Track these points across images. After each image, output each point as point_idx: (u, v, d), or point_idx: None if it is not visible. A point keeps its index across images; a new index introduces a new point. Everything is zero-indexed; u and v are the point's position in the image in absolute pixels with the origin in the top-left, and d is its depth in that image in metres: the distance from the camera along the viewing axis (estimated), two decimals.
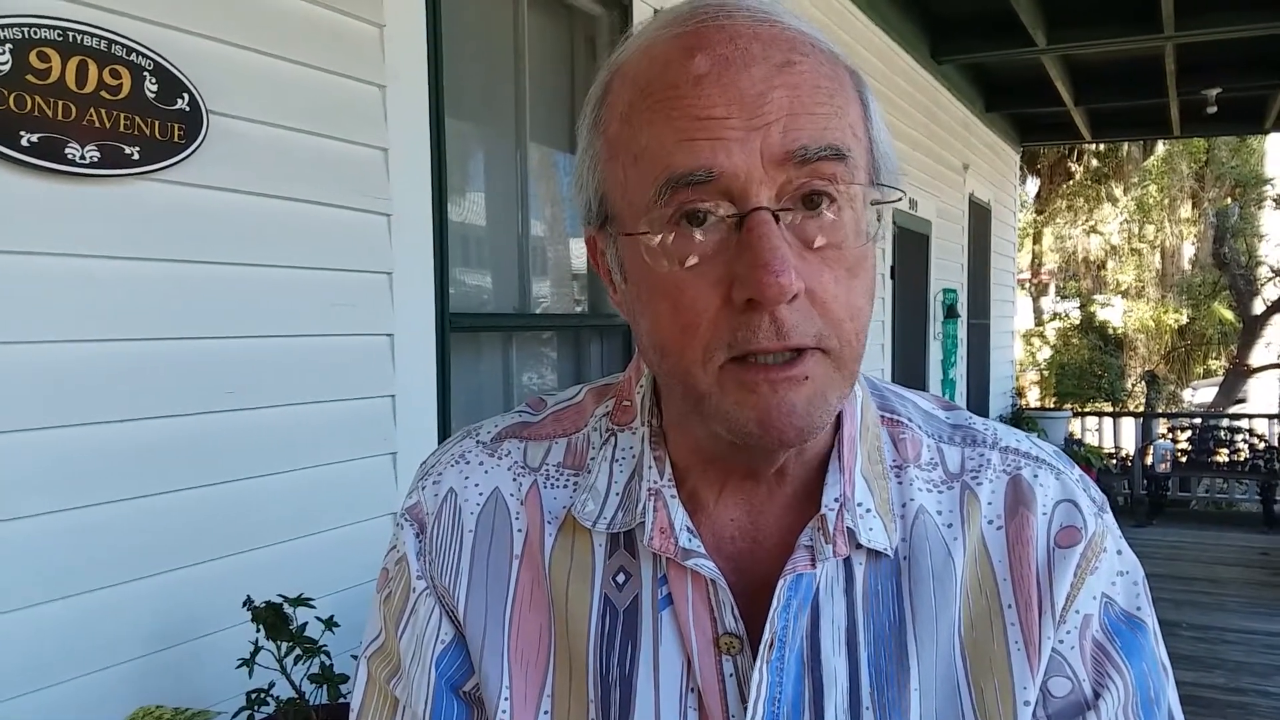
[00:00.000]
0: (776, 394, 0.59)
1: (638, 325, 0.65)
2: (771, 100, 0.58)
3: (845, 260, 0.61)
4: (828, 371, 0.61)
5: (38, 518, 1.65)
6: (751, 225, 0.57)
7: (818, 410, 0.61)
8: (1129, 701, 0.67)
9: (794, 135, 0.58)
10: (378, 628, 0.75)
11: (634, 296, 0.65)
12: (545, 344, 3.23)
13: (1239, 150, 16.69)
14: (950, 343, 7.34)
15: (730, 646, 0.66)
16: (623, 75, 0.64)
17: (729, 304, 0.59)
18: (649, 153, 0.60)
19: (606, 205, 0.65)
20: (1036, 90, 7.81)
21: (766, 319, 0.58)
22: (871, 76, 5.15)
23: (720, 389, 0.60)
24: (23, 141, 1.58)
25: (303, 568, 2.06)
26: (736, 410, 0.60)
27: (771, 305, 0.57)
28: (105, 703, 1.70)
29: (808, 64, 0.60)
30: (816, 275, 0.59)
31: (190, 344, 1.88)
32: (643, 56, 0.63)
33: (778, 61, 0.59)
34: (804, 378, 0.60)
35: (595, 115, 0.65)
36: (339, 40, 2.17)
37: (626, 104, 0.62)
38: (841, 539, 0.66)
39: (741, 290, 0.58)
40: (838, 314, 0.60)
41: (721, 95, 0.58)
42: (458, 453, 0.75)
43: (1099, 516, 0.70)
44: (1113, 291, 18.81)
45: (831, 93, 0.61)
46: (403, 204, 2.32)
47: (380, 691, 0.74)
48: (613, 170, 0.63)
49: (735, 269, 0.58)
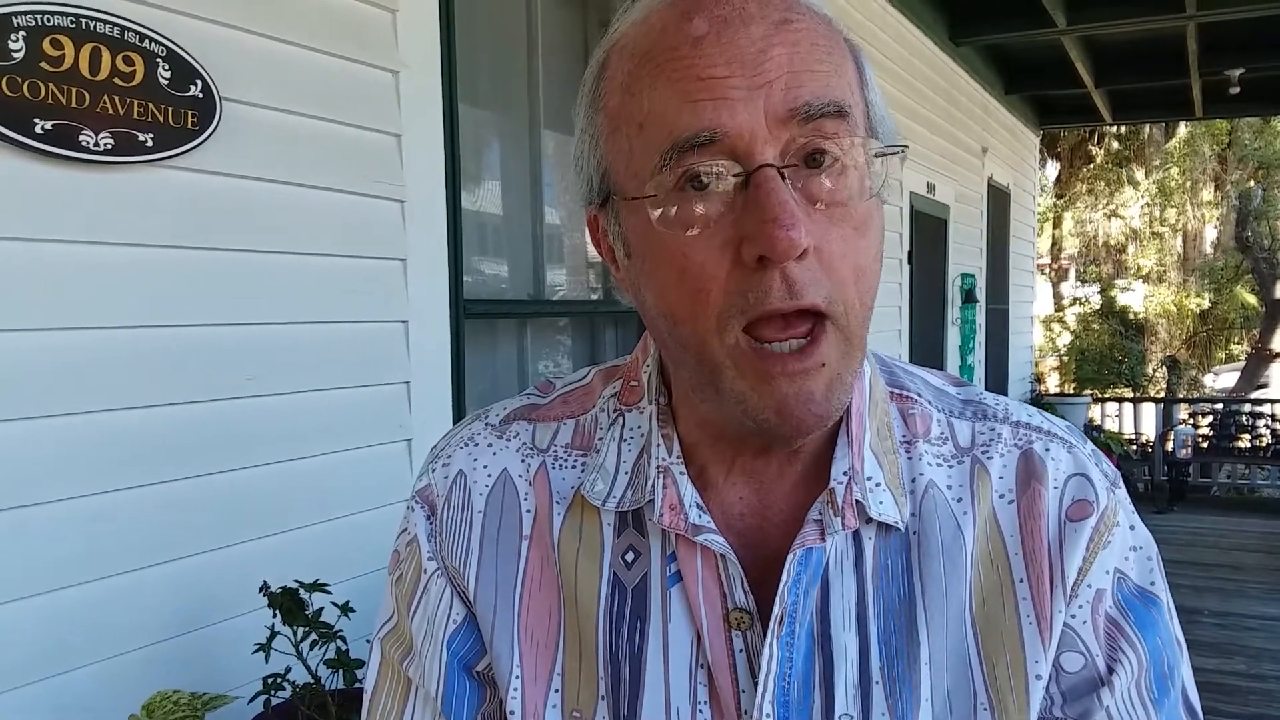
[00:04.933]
0: (794, 384, 0.59)
1: (644, 298, 0.65)
2: (772, 58, 0.58)
3: (851, 218, 0.60)
4: (840, 349, 0.60)
5: (56, 504, 1.66)
6: (759, 182, 0.57)
7: (836, 394, 0.61)
8: (1143, 676, 0.67)
9: (796, 93, 0.58)
10: (390, 609, 0.76)
11: (640, 268, 0.64)
12: (560, 331, 3.23)
13: (1262, 132, 16.48)
14: (969, 328, 7.29)
15: (740, 622, 0.66)
16: (619, 49, 0.64)
17: (739, 264, 0.58)
18: (653, 118, 0.59)
19: (609, 181, 0.64)
20: (1056, 72, 7.72)
21: (778, 277, 0.57)
22: (889, 59, 5.11)
23: (736, 367, 0.60)
24: (37, 129, 1.59)
25: (319, 553, 2.07)
26: (754, 397, 0.60)
27: (782, 259, 0.57)
28: (122, 687, 1.72)
29: (804, 22, 0.60)
30: (823, 233, 0.59)
31: (204, 330, 1.88)
32: (639, 27, 0.63)
33: (775, 19, 0.59)
34: (820, 365, 0.59)
35: (594, 93, 0.65)
36: (352, 25, 2.16)
37: (626, 74, 0.62)
38: (850, 512, 0.66)
39: (752, 247, 0.57)
40: (844, 274, 0.60)
41: (721, 54, 0.58)
42: (467, 435, 0.76)
43: (1111, 491, 0.70)
44: (1133, 276, 18.67)
45: (829, 50, 0.61)
46: (416, 190, 2.32)
47: (394, 672, 0.74)
48: (615, 142, 0.63)
49: (744, 227, 0.57)
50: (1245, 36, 6.98)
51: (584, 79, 0.66)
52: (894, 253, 5.59)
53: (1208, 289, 17.61)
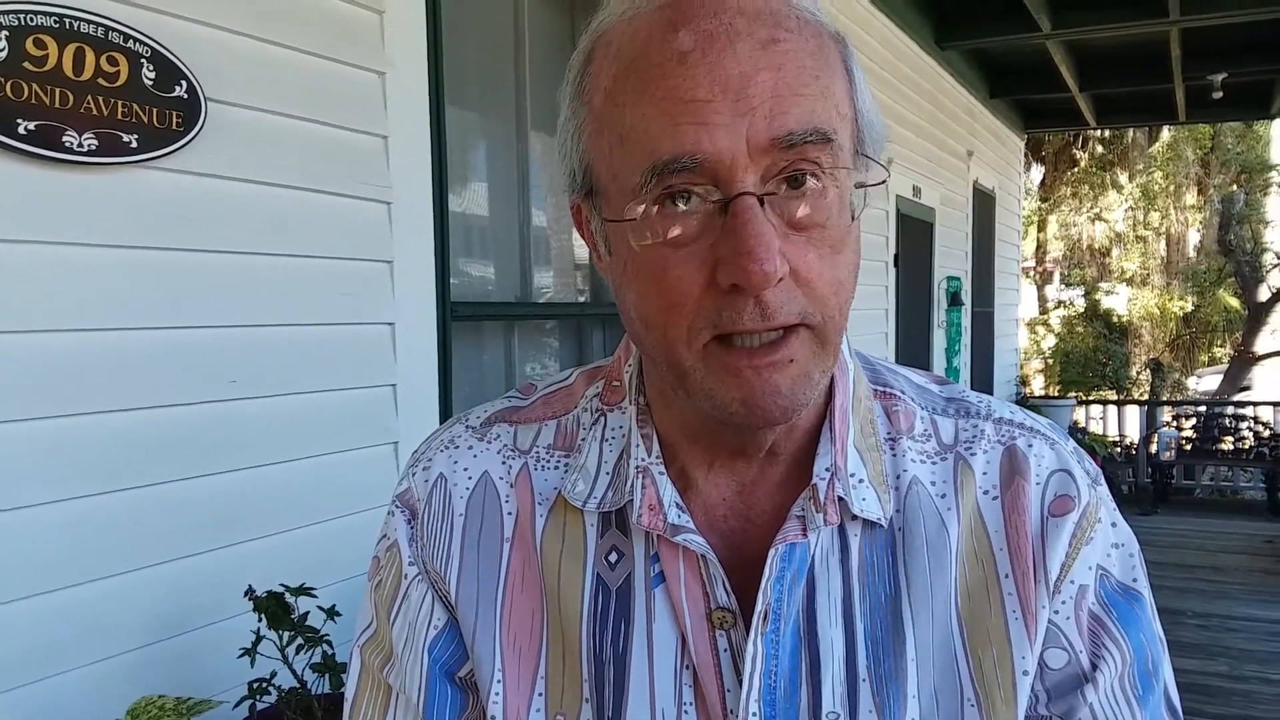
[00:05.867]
0: (760, 377, 0.59)
1: (624, 298, 0.65)
2: (757, 83, 0.57)
3: (829, 238, 0.60)
4: (812, 349, 0.61)
5: (37, 507, 1.64)
6: (736, 211, 0.57)
7: (801, 389, 0.61)
8: (1126, 673, 0.67)
9: (780, 121, 0.57)
10: (370, 616, 0.75)
11: (619, 270, 0.64)
12: (548, 333, 3.23)
13: (1245, 136, 16.61)
14: (954, 331, 7.32)
15: (723, 621, 0.66)
16: (605, 44, 0.63)
17: (713, 285, 0.58)
18: (634, 135, 0.59)
19: (591, 177, 0.64)
20: (1041, 76, 7.77)
21: (751, 302, 0.58)
22: (875, 63, 5.11)
23: (705, 366, 0.60)
24: (20, 129, 1.57)
25: (304, 557, 2.06)
26: (721, 390, 0.60)
27: (756, 291, 0.57)
28: (107, 692, 1.70)
29: (793, 41, 0.59)
30: (801, 254, 0.59)
31: (189, 333, 1.87)
32: (626, 27, 0.62)
33: (762, 38, 0.58)
34: (789, 361, 0.60)
35: (579, 84, 0.64)
36: (338, 26, 2.15)
37: (611, 78, 0.61)
38: (833, 508, 0.66)
39: (726, 275, 0.57)
40: (822, 291, 0.60)
41: (706, 76, 0.57)
42: (447, 438, 0.76)
43: (1093, 488, 0.70)
44: (1117, 279, 18.77)
45: (817, 72, 0.60)
46: (403, 192, 2.31)
47: (374, 680, 0.74)
48: (598, 144, 0.63)
49: (720, 252, 0.58)
50: (1228, 41, 7.04)
51: (570, 63, 0.66)
52: (880, 256, 5.60)
53: (1191, 292, 17.71)
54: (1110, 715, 0.66)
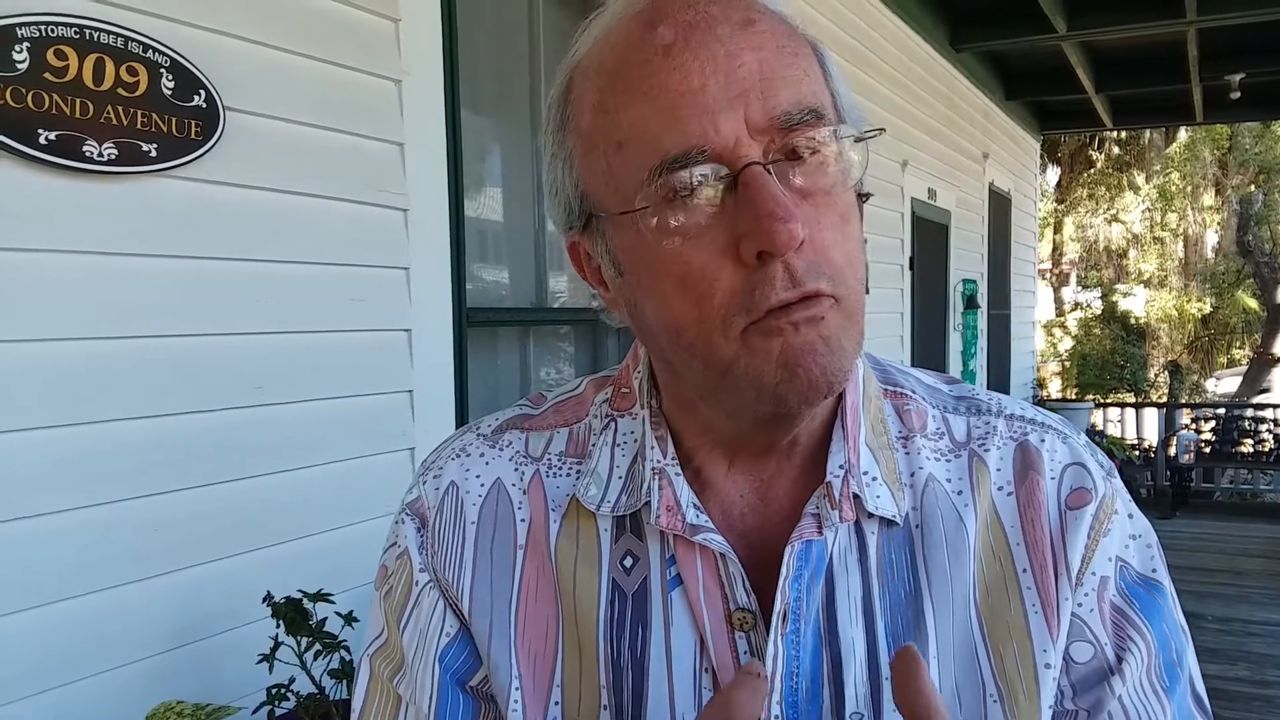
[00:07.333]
0: (799, 335, 0.59)
1: (641, 313, 0.64)
2: (743, 63, 0.58)
3: (837, 207, 0.61)
4: (840, 320, 0.60)
5: (58, 515, 1.66)
6: (747, 180, 0.57)
7: (837, 356, 0.60)
8: (1152, 664, 0.67)
9: (773, 102, 0.58)
10: (379, 625, 0.74)
11: (635, 284, 0.64)
12: (563, 338, 3.23)
13: (1263, 136, 16.48)
14: (970, 334, 7.29)
15: (743, 622, 0.65)
16: (584, 70, 0.63)
17: (739, 264, 0.58)
18: (634, 136, 0.59)
19: (589, 202, 0.64)
20: (1057, 78, 7.73)
21: (780, 269, 0.57)
22: (890, 65, 5.10)
23: (746, 350, 0.59)
24: (41, 140, 1.59)
25: (322, 563, 2.07)
26: (765, 367, 0.59)
27: (783, 251, 0.57)
28: (126, 698, 1.71)
29: (768, 22, 0.61)
30: (814, 222, 0.59)
31: (208, 341, 1.88)
32: (602, 46, 0.62)
33: (739, 20, 0.59)
34: (820, 317, 0.59)
35: (561, 116, 0.64)
36: (355, 35, 2.17)
37: (597, 93, 0.61)
38: (848, 504, 0.66)
39: (750, 244, 0.57)
40: (839, 261, 0.60)
41: (694, 60, 0.58)
42: (458, 446, 0.75)
43: (1108, 480, 0.70)
44: (1135, 281, 18.65)
45: (795, 53, 0.61)
46: (419, 199, 2.32)
47: (383, 690, 0.73)
48: (591, 162, 0.62)
49: (739, 226, 0.57)
50: (1245, 41, 6.99)
51: (548, 104, 0.66)
52: (895, 259, 5.59)
53: (1209, 294, 17.59)
54: (1139, 707, 0.66)
